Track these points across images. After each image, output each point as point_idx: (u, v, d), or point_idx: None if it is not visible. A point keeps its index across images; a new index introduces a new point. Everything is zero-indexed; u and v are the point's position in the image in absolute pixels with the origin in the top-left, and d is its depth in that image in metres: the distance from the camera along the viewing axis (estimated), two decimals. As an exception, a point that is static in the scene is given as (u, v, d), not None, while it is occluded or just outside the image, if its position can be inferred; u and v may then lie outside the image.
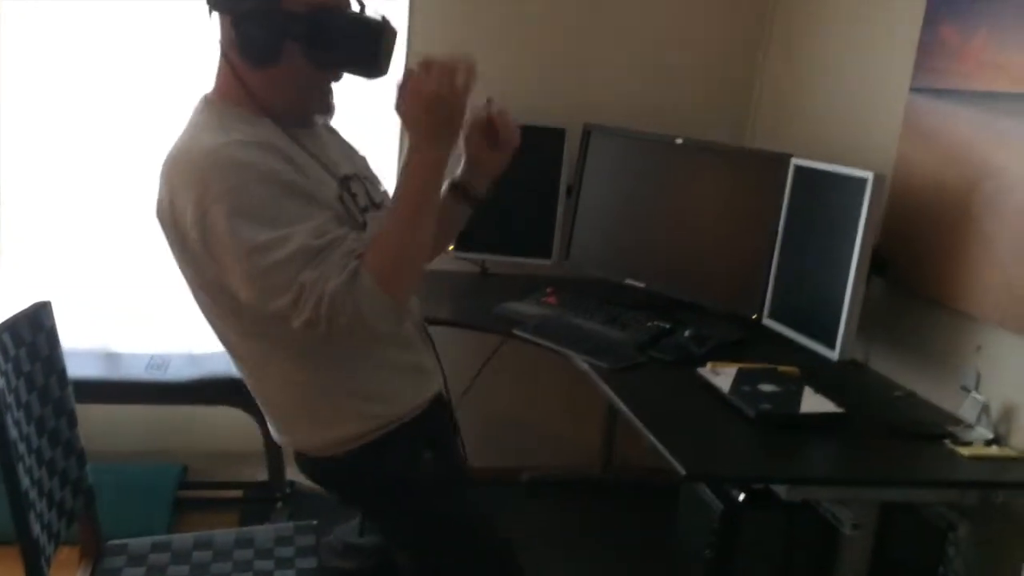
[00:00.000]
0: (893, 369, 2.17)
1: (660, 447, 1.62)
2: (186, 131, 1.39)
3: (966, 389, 1.87)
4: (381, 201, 1.56)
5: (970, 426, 1.82)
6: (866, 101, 2.39)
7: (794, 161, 2.24)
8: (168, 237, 1.38)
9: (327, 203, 1.38)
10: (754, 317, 2.31)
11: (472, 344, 2.79)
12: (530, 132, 2.72)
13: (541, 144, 2.74)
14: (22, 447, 1.45)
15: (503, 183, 2.72)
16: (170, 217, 1.34)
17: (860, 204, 1.95)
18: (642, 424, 1.72)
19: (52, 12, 2.51)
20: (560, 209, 2.77)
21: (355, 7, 1.43)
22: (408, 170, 1.37)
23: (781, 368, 2.00)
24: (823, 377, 1.95)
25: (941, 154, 2.04)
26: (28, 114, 2.57)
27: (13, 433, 1.41)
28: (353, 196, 1.46)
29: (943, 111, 2.04)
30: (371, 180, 1.59)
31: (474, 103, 1.50)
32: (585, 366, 2.06)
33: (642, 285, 2.59)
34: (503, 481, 3.01)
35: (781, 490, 1.63)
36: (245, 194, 1.27)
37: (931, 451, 1.75)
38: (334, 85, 1.47)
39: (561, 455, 3.12)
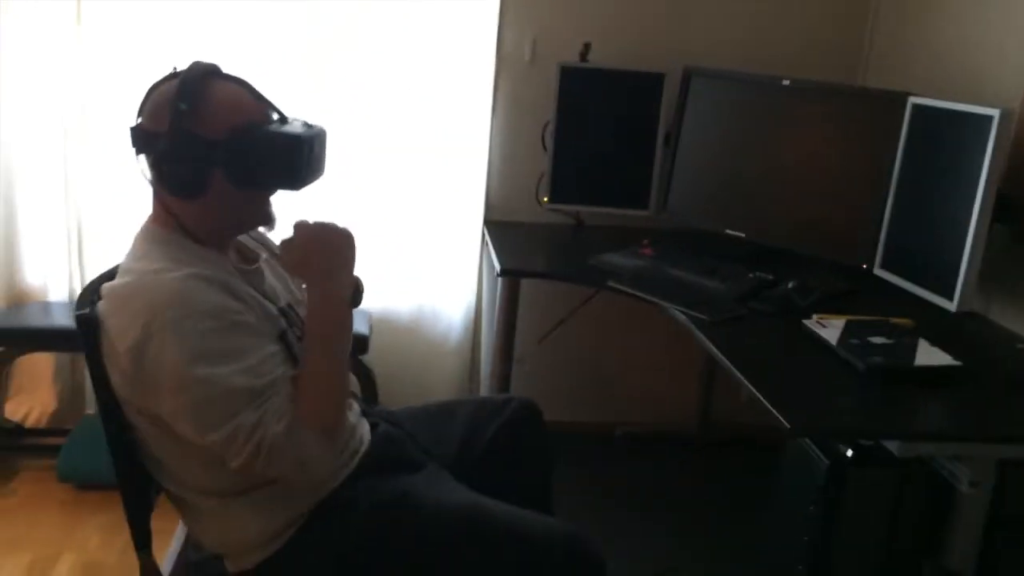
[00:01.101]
0: (1014, 320, 2.04)
1: (763, 400, 1.55)
2: (133, 257, 1.36)
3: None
4: None
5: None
6: (991, 32, 2.22)
7: (912, 100, 2.10)
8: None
9: (271, 339, 1.36)
10: (864, 267, 2.20)
11: (564, 296, 2.76)
12: (627, 77, 2.69)
13: (638, 90, 2.65)
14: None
15: (599, 132, 2.69)
16: (106, 343, 1.31)
17: (984, 144, 1.82)
18: (743, 377, 1.66)
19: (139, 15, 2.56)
20: (658, 158, 2.69)
21: (274, 118, 1.38)
22: (313, 312, 1.38)
23: (894, 320, 1.89)
24: (939, 329, 1.85)
25: (1078, 88, 1.88)
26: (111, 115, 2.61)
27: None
28: (293, 325, 1.45)
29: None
30: (301, 303, 1.55)
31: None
32: (683, 318, 2.00)
33: (743, 235, 2.49)
34: (596, 437, 2.99)
35: (893, 446, 1.55)
36: (189, 326, 1.25)
37: (1055, 406, 1.63)
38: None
39: (656, 411, 3.07)
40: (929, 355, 1.72)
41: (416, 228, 2.79)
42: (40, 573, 2.19)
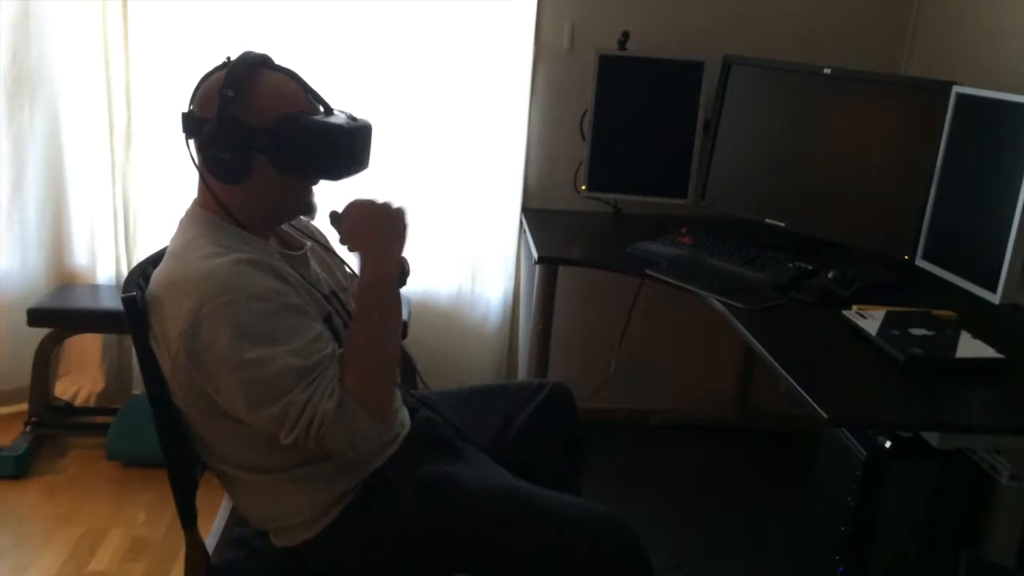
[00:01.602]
0: (1061, 314, 2.01)
1: (799, 390, 1.55)
2: (181, 242, 1.39)
3: None
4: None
5: None
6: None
7: (956, 89, 2.07)
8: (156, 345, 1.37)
9: (318, 320, 1.39)
10: (906, 258, 2.18)
11: (603, 285, 2.77)
12: (667, 66, 2.68)
13: (678, 79, 2.65)
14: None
15: (637, 120, 2.68)
16: (158, 328, 1.34)
17: (1031, 134, 1.79)
18: (781, 366, 1.66)
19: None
20: (697, 146, 2.68)
21: (320, 110, 1.40)
22: (365, 288, 1.41)
23: (935, 311, 1.88)
24: (982, 321, 1.83)
25: None
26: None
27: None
28: (338, 313, 1.48)
29: None
30: (347, 291, 1.59)
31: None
32: (721, 307, 2.00)
33: (783, 225, 2.48)
34: (631, 423, 3.00)
35: (932, 438, 1.54)
36: (240, 310, 1.28)
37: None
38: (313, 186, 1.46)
39: (693, 399, 3.07)
40: (971, 347, 1.71)
41: (455, 215, 2.81)
42: (89, 547, 2.26)
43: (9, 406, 2.79)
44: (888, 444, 1.73)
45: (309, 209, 1.47)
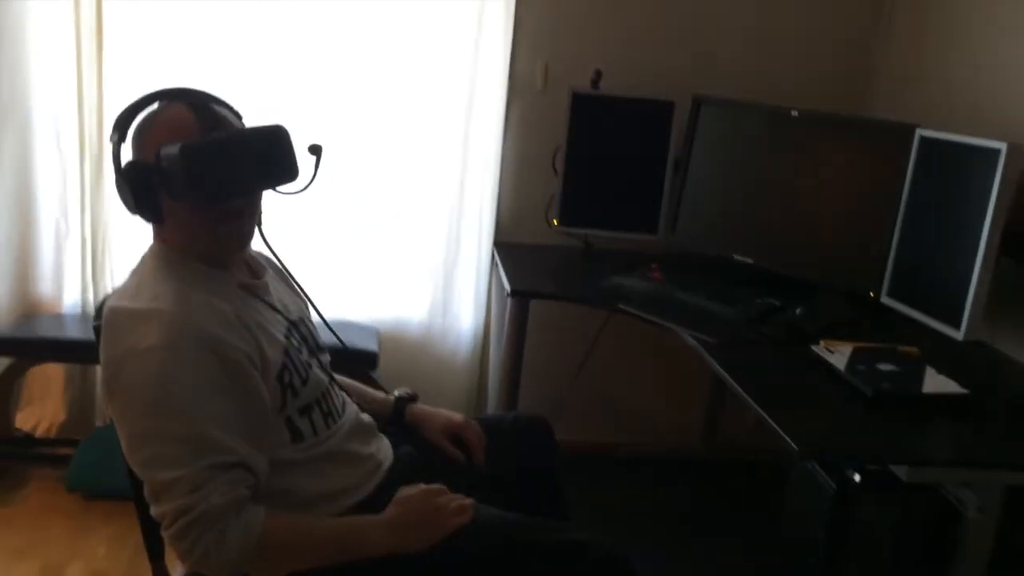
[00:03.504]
0: (1020, 350, 2.06)
1: (771, 423, 1.57)
2: (136, 279, 1.38)
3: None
4: (324, 346, 1.57)
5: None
6: (999, 65, 2.26)
7: (919, 132, 2.13)
8: None
9: (255, 394, 1.32)
10: (871, 294, 2.23)
11: (573, 319, 2.78)
12: (638, 105, 2.73)
13: (649, 117, 2.70)
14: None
15: (609, 157, 2.73)
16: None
17: (992, 177, 1.84)
18: (752, 400, 1.68)
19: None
20: (667, 183, 2.72)
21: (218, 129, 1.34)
22: (365, 532, 1.36)
23: (901, 347, 1.92)
24: (946, 357, 1.87)
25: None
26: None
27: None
28: (305, 339, 1.47)
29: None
30: (311, 324, 1.57)
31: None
32: (692, 341, 2.03)
33: (751, 261, 2.52)
34: (599, 456, 3.01)
35: (901, 472, 1.56)
36: (169, 358, 1.24)
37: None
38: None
39: (660, 432, 3.09)
40: (936, 383, 1.75)
41: (428, 247, 2.82)
42: (48, 582, 2.21)
43: (-32, 437, 2.73)
44: (857, 477, 1.74)
45: (241, 237, 1.40)
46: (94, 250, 2.70)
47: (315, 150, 1.46)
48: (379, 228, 2.79)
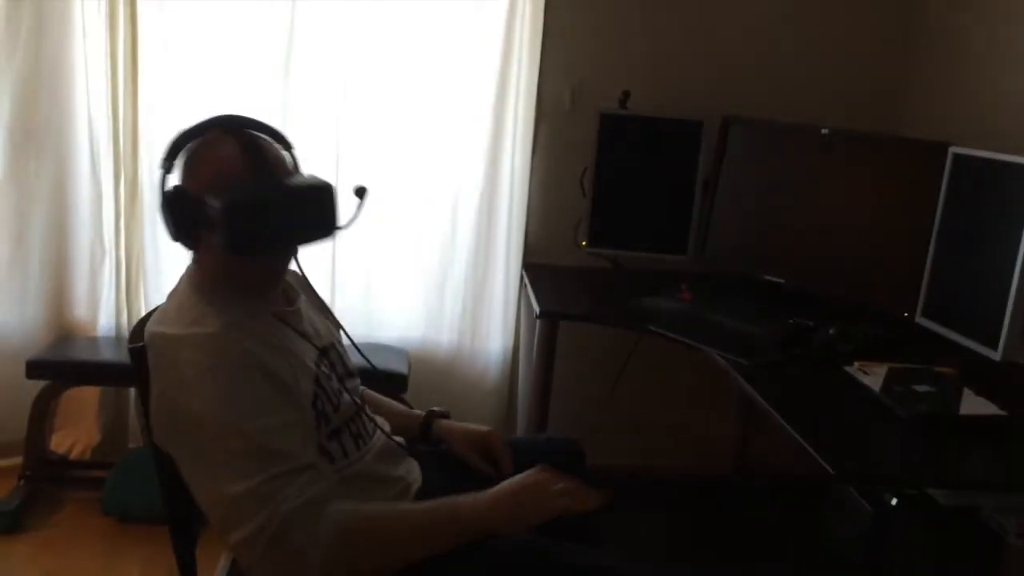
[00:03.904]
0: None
1: (806, 446, 1.55)
2: (174, 302, 1.38)
3: None
4: (354, 370, 1.57)
5: None
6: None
7: (952, 149, 2.11)
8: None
9: (302, 408, 1.34)
10: (906, 315, 2.20)
11: (603, 340, 2.77)
12: (667, 125, 2.73)
13: (677, 137, 2.69)
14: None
15: (637, 178, 2.72)
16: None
17: (1027, 194, 1.82)
18: (785, 422, 1.66)
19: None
20: (696, 203, 2.71)
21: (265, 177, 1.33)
22: (459, 510, 1.35)
23: (937, 368, 1.89)
24: (983, 378, 1.84)
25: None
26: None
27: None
28: (333, 366, 1.47)
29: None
30: (342, 347, 1.57)
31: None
32: (723, 363, 2.01)
33: (782, 281, 2.50)
34: (631, 478, 2.98)
35: (939, 495, 1.54)
36: (220, 378, 1.25)
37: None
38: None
39: (692, 455, 3.06)
40: (974, 404, 1.71)
41: (457, 269, 2.83)
42: (82, 604, 2.22)
43: (3, 459, 2.76)
44: (894, 501, 1.72)
45: (275, 276, 1.41)
46: (128, 273, 2.73)
47: (360, 192, 1.46)
48: (408, 249, 2.80)
